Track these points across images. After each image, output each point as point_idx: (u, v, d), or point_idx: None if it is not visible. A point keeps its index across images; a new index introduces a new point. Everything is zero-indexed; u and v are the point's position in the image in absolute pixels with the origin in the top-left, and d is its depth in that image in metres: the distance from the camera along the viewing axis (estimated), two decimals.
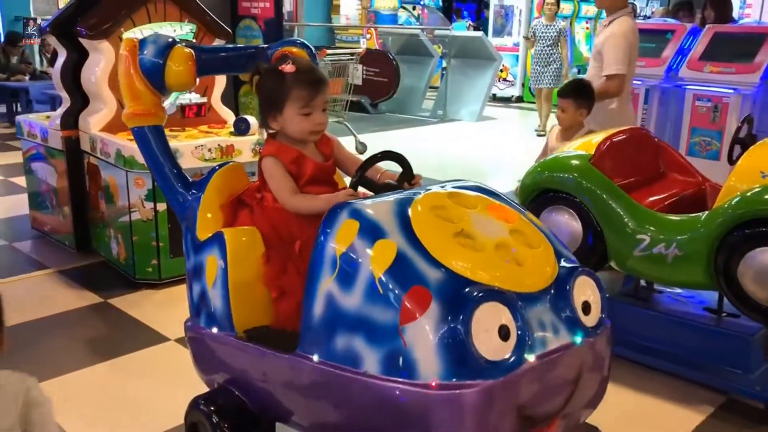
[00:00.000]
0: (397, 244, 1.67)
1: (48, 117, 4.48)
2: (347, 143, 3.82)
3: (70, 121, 4.13)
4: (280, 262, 2.07)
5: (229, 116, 4.49)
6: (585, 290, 1.77)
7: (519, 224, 1.85)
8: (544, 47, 8.83)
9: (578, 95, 3.40)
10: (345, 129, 7.85)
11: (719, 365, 2.82)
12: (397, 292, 1.61)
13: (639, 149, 3.16)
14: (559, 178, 2.93)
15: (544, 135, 8.91)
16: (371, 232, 1.71)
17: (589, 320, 1.76)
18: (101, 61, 3.97)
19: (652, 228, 2.73)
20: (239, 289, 2.06)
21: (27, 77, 9.08)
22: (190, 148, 3.78)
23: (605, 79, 3.72)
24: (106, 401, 2.79)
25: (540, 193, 3.00)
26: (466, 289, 1.58)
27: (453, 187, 1.93)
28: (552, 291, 1.72)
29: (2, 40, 9.66)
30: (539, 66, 8.90)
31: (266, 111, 2.09)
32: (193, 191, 2.30)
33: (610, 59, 3.70)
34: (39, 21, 10.10)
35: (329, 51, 8.73)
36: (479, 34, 11.60)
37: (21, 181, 5.31)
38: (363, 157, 2.13)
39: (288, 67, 2.05)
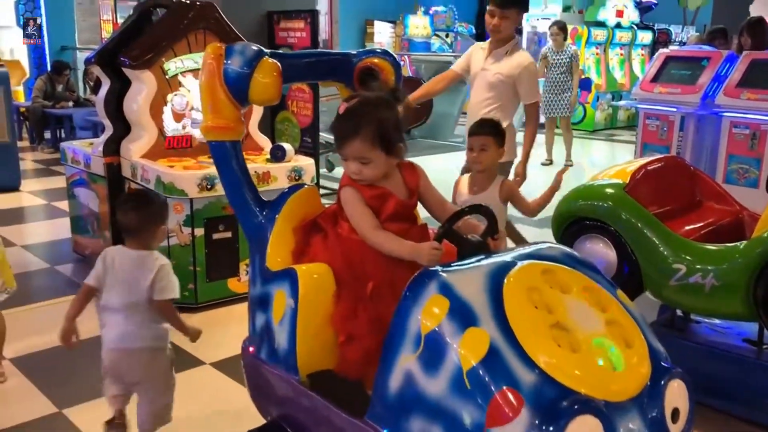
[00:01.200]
0: (489, 335, 1.56)
1: (91, 144, 4.62)
2: None
3: (112, 148, 4.25)
4: (351, 303, 1.98)
5: (266, 143, 4.57)
6: (676, 396, 1.67)
7: (615, 312, 1.74)
8: (557, 75, 8.53)
9: (497, 132, 3.03)
10: None
11: (760, 398, 2.75)
12: (486, 390, 1.50)
13: (674, 178, 3.14)
14: (593, 206, 2.92)
15: (549, 164, 8.83)
16: (463, 316, 1.60)
17: (676, 428, 1.66)
18: (143, 90, 4.09)
19: (688, 257, 2.69)
20: (307, 332, 1.99)
21: (71, 104, 9.37)
22: None
23: (528, 106, 3.80)
24: None
25: (574, 221, 2.99)
26: (562, 399, 1.48)
27: (543, 259, 1.81)
28: (644, 397, 1.62)
29: (49, 69, 9.99)
30: (552, 94, 8.58)
31: None
32: (266, 212, 2.21)
33: (531, 88, 3.79)
34: (39, 21, 10.37)
35: None
36: None
37: (64, 205, 5.47)
38: None
39: (341, 108, 2.00)
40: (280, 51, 2.37)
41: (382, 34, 15.54)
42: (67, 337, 2.44)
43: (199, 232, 3.86)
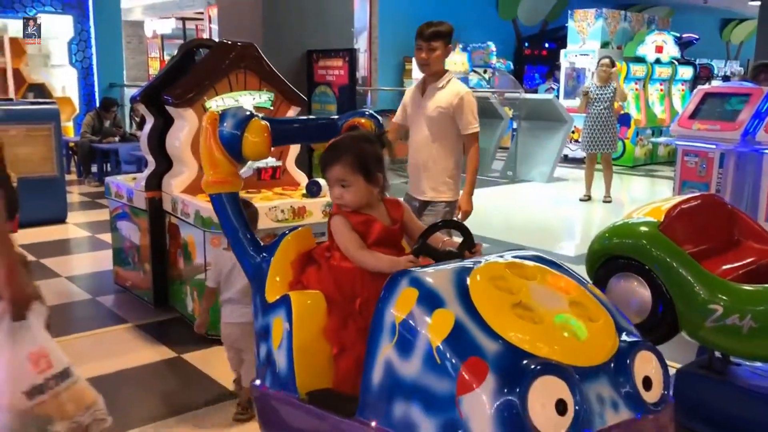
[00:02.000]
0: (455, 313, 1.71)
1: (134, 179, 4.78)
2: None
3: (154, 182, 4.39)
4: (341, 317, 2.14)
5: (303, 179, 4.66)
6: (646, 365, 1.75)
7: (579, 296, 1.85)
8: (600, 110, 8.41)
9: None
10: None
11: None
12: (454, 362, 1.63)
13: (711, 216, 3.10)
14: (627, 244, 2.89)
15: (587, 200, 8.73)
16: (430, 300, 1.76)
17: (651, 396, 1.73)
18: (185, 127, 4.22)
19: (724, 298, 2.64)
20: (303, 351, 2.12)
21: (117, 139, 9.67)
22: (264, 209, 3.93)
23: (467, 136, 3.77)
24: None
25: (608, 260, 2.96)
26: (524, 362, 1.59)
27: (512, 257, 1.96)
28: (612, 366, 1.71)
29: (97, 105, 10.35)
30: (594, 130, 8.45)
31: None
32: (264, 254, 2.39)
33: (469, 118, 3.75)
34: (39, 21, 10.68)
35: None
36: (550, 96, 11.64)
37: (107, 237, 5.62)
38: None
39: (328, 143, 2.24)
40: (272, 117, 2.76)
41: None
42: (201, 328, 3.22)
43: None
